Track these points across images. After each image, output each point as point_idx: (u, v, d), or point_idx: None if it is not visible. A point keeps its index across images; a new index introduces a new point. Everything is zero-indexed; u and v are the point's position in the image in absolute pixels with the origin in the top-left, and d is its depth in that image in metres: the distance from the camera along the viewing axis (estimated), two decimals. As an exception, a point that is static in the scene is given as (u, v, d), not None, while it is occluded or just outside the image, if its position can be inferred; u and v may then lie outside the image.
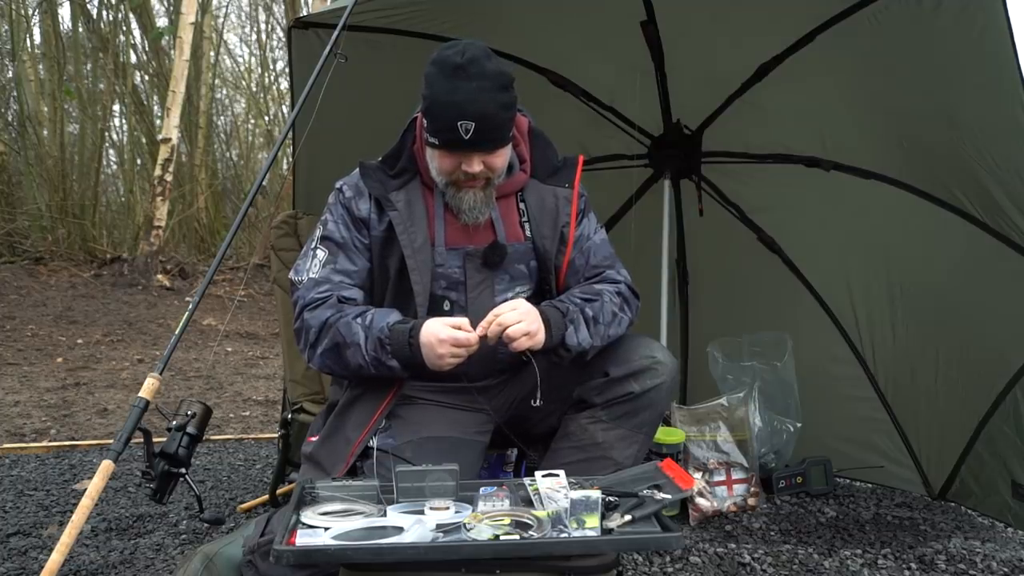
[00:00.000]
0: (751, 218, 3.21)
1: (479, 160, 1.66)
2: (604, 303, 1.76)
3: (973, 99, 2.27)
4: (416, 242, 1.73)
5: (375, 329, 1.64)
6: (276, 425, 3.51)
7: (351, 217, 1.77)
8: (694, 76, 2.92)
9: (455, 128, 1.61)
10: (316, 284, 1.73)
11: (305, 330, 1.71)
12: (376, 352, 1.63)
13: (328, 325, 1.67)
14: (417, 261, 1.72)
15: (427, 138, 1.68)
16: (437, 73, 1.63)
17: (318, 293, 1.71)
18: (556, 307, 1.71)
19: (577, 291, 1.79)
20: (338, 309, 1.69)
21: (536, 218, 1.81)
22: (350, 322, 1.66)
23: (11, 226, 8.71)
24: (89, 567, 2.12)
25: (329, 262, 1.75)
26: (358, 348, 1.64)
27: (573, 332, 1.69)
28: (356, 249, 1.77)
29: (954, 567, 2.30)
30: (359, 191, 1.79)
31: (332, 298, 1.71)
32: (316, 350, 1.70)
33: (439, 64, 1.64)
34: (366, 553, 1.24)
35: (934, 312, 2.79)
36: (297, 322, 1.73)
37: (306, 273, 1.75)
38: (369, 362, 1.65)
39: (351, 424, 1.72)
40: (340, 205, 1.79)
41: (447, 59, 1.63)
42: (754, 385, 2.95)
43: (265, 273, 8.85)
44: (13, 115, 9.63)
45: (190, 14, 8.69)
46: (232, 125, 13.31)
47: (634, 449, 1.74)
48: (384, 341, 1.62)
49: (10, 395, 4.58)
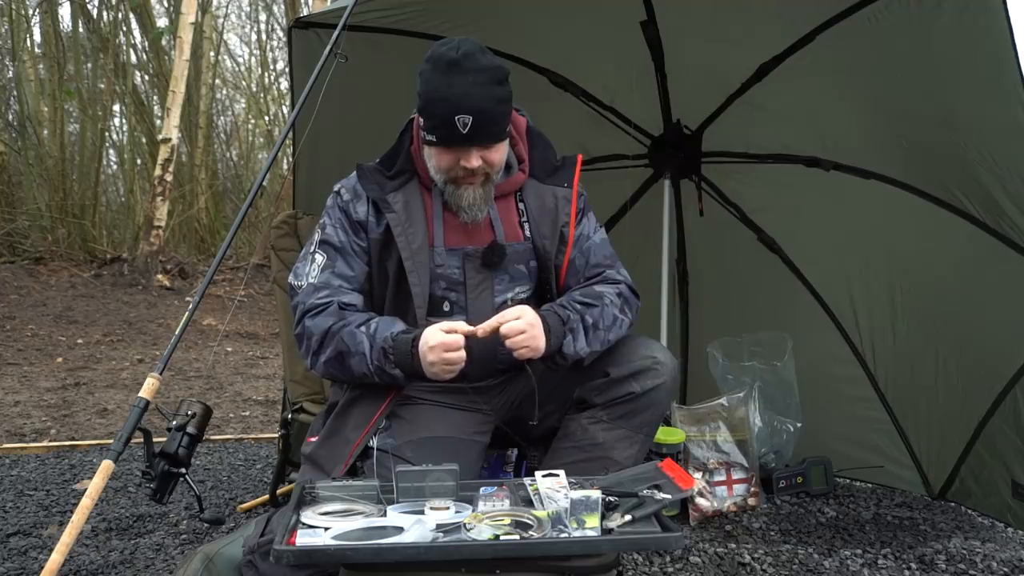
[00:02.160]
0: (751, 218, 3.21)
1: (477, 155, 1.66)
2: (605, 307, 1.75)
3: (973, 99, 2.26)
4: (414, 243, 1.73)
5: (379, 339, 1.64)
6: (276, 425, 3.52)
7: (349, 221, 1.77)
8: (694, 76, 2.92)
9: (452, 123, 1.61)
10: (316, 289, 1.73)
11: (307, 337, 1.71)
12: (380, 362, 1.64)
13: (331, 333, 1.67)
14: (415, 263, 1.72)
15: (424, 136, 1.69)
16: (432, 69, 1.64)
17: (318, 299, 1.71)
18: (557, 314, 1.70)
19: (578, 294, 1.78)
20: (340, 317, 1.69)
21: (535, 218, 1.81)
22: (354, 331, 1.66)
23: (11, 226, 8.71)
24: (89, 567, 2.12)
25: (327, 267, 1.75)
26: (363, 358, 1.65)
27: (571, 341, 1.69)
28: (354, 253, 1.77)
29: (954, 567, 2.30)
30: (357, 194, 1.78)
31: (333, 305, 1.71)
32: (319, 358, 1.70)
33: (434, 60, 1.65)
34: (366, 553, 1.24)
35: (934, 312, 2.79)
36: (298, 328, 1.73)
37: (305, 278, 1.75)
38: (373, 371, 1.66)
39: (351, 424, 1.72)
40: (338, 208, 1.79)
41: (442, 55, 1.63)
42: (754, 385, 2.95)
43: (265, 273, 8.84)
44: (13, 115, 9.63)
45: (190, 14, 8.68)
46: (232, 125, 13.31)
47: (635, 449, 1.74)
48: (388, 351, 1.63)
49: (10, 395, 4.58)
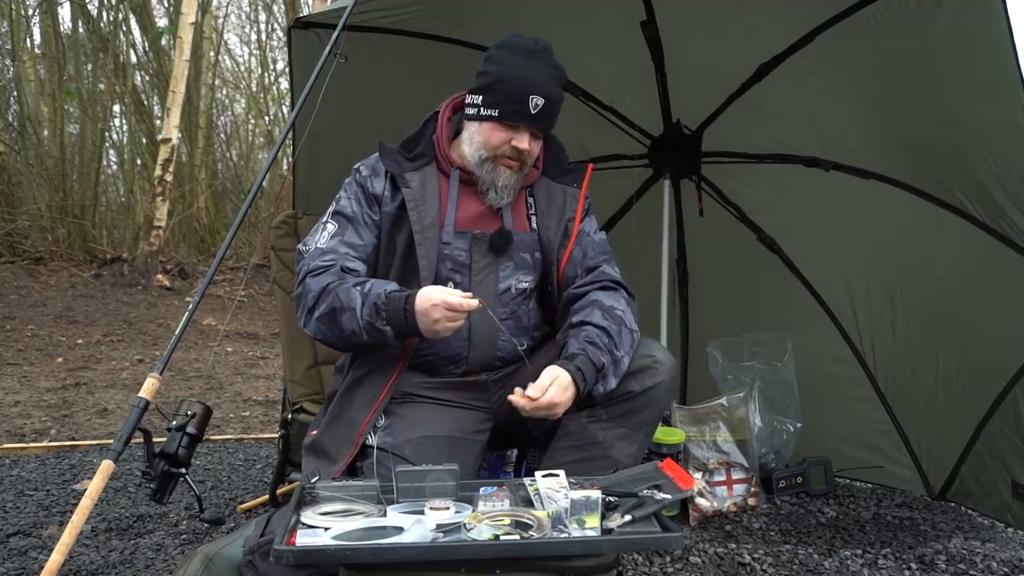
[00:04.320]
0: (751, 218, 3.21)
1: (529, 139, 1.76)
2: (623, 329, 1.75)
3: (973, 99, 2.26)
4: (425, 220, 1.77)
5: (372, 295, 1.65)
6: (276, 425, 3.52)
7: (364, 194, 1.82)
8: (694, 76, 2.92)
9: (525, 101, 1.72)
10: (322, 253, 1.76)
11: (305, 294, 1.73)
12: (371, 317, 1.64)
13: (328, 290, 1.70)
14: (425, 238, 1.76)
15: (481, 111, 1.76)
16: (509, 53, 1.76)
17: (323, 261, 1.74)
18: (592, 362, 1.68)
19: (601, 318, 1.75)
20: (339, 276, 1.72)
21: (544, 211, 1.87)
22: (349, 288, 1.68)
23: (11, 226, 8.71)
24: (89, 567, 2.12)
25: (337, 234, 1.79)
26: (353, 313, 1.65)
27: (602, 385, 1.70)
28: (365, 224, 1.81)
29: (954, 567, 2.30)
30: (375, 171, 1.84)
31: (335, 267, 1.73)
32: (313, 315, 1.72)
33: (510, 47, 1.77)
34: (366, 553, 1.24)
35: (934, 312, 2.79)
36: (299, 288, 1.76)
37: (314, 244, 1.79)
38: (363, 327, 1.65)
39: (356, 405, 1.73)
40: (355, 183, 1.85)
41: (519, 43, 1.77)
42: (754, 385, 2.95)
43: (265, 273, 8.84)
44: (13, 115, 9.64)
45: (190, 14, 8.69)
46: (232, 125, 13.32)
47: (634, 448, 1.75)
48: (380, 307, 1.63)
49: (10, 395, 4.58)
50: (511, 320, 1.82)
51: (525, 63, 1.74)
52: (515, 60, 1.74)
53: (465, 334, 1.77)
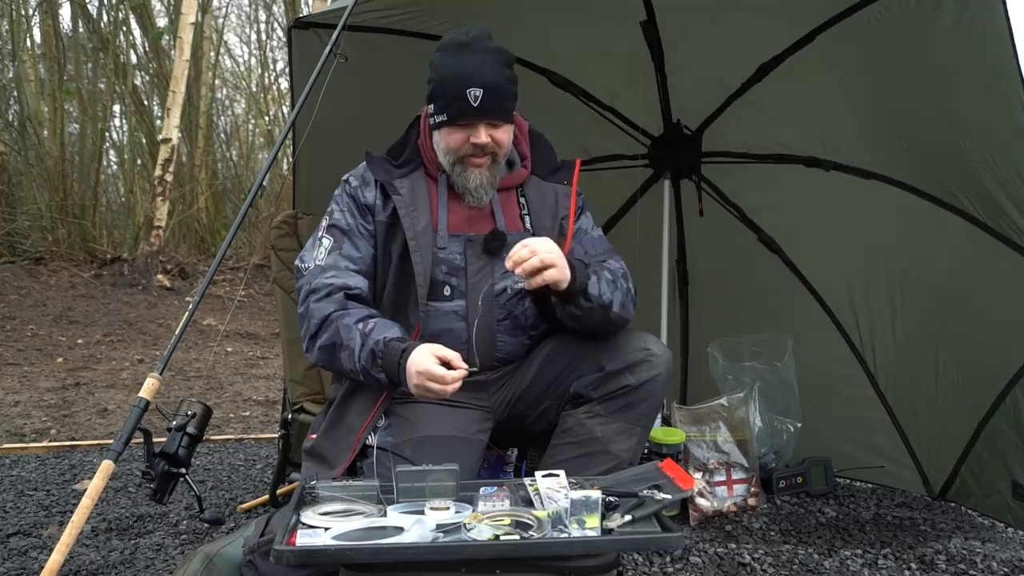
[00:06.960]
0: (751, 218, 3.21)
1: (486, 132, 1.74)
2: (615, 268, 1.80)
3: (973, 99, 2.26)
4: (418, 226, 1.77)
5: (371, 340, 1.65)
6: (276, 425, 3.51)
7: (356, 205, 1.82)
8: (694, 76, 2.92)
9: (464, 96, 1.69)
10: (323, 271, 1.76)
11: (308, 318, 1.74)
12: (367, 363, 1.66)
13: (329, 321, 1.70)
14: (419, 243, 1.76)
15: (435, 120, 1.76)
16: (444, 54, 1.76)
17: (325, 279, 1.75)
18: (578, 258, 1.76)
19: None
20: (342, 305, 1.72)
21: (536, 211, 1.88)
22: (351, 326, 1.68)
23: (11, 226, 8.71)
24: (89, 567, 2.12)
25: (335, 248, 1.79)
26: (351, 354, 1.67)
27: (596, 282, 1.71)
28: (361, 235, 1.81)
29: (954, 567, 2.30)
30: (365, 181, 1.85)
31: (338, 289, 1.74)
32: (315, 342, 1.73)
33: (444, 47, 1.76)
34: (366, 553, 1.24)
35: (934, 312, 2.79)
36: (302, 308, 1.77)
37: (312, 260, 1.79)
38: (359, 370, 1.68)
39: (353, 412, 1.74)
40: (346, 195, 1.84)
41: (452, 40, 1.76)
42: (754, 385, 2.95)
43: (265, 273, 8.84)
44: (13, 115, 9.62)
45: (190, 14, 8.69)
46: (232, 125, 13.33)
47: (633, 442, 1.75)
48: (377, 355, 1.64)
49: (10, 395, 4.58)
50: (508, 320, 1.82)
51: (456, 59, 1.73)
52: (448, 59, 1.74)
53: (465, 335, 1.77)
